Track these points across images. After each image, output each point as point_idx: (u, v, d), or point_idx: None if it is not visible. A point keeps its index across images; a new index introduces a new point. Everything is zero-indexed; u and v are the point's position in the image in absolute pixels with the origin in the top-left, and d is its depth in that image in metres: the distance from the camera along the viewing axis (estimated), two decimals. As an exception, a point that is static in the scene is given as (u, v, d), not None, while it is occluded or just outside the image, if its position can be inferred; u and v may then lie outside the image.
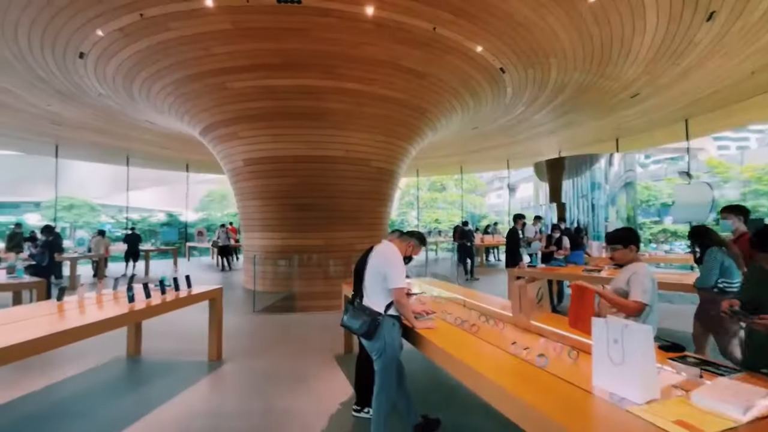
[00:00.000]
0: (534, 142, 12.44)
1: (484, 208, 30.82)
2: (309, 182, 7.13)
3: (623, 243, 2.43)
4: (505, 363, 1.97)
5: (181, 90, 6.60)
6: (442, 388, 3.32)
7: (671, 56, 6.15)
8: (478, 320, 2.75)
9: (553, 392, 1.58)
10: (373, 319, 2.36)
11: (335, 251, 7.17)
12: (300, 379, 3.69)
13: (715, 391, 1.39)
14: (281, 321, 6.04)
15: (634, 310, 2.21)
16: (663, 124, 10.61)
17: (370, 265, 2.56)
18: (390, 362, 2.38)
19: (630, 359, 1.40)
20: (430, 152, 12.85)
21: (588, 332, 2.25)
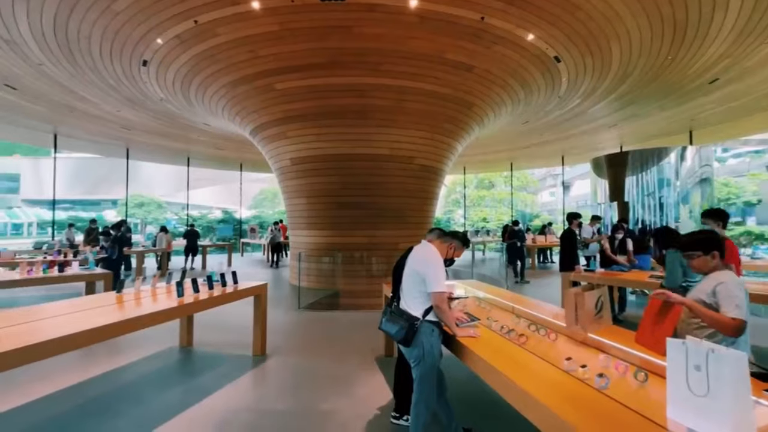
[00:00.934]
0: (591, 136, 11.59)
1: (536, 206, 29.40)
2: (353, 180, 7.14)
3: (704, 249, 2.09)
4: (557, 381, 1.76)
5: (232, 93, 6.88)
6: (487, 400, 3.11)
7: (760, 34, 5.37)
8: (527, 330, 2.53)
9: (615, 422, 1.36)
10: (411, 324, 2.23)
11: (379, 249, 7.12)
12: (340, 380, 3.66)
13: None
14: (324, 318, 6.10)
15: (733, 329, 1.87)
16: (746, 113, 9.40)
17: (408, 267, 2.43)
18: (429, 371, 2.24)
19: (717, 391, 1.16)
20: (478, 148, 12.43)
21: (661, 351, 1.97)
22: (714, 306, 1.98)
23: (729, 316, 1.89)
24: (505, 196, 24.00)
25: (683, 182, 9.33)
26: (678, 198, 9.31)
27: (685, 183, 9.33)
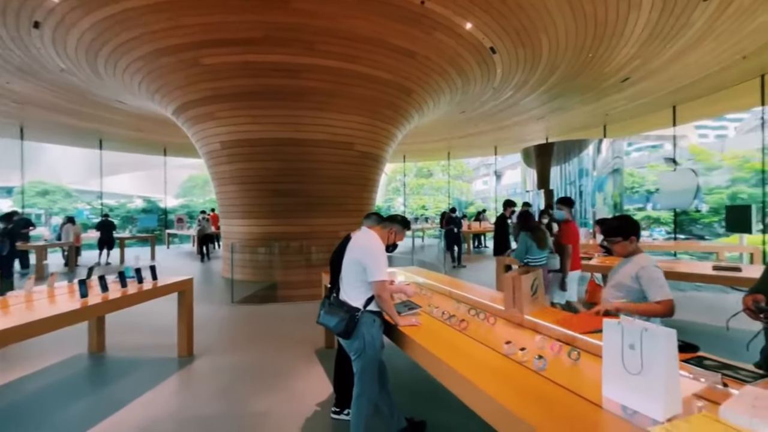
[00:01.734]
0: (522, 128, 12.25)
1: (471, 194, 30.79)
2: (290, 166, 6.78)
3: (623, 235, 2.23)
4: (498, 366, 1.75)
5: (150, 66, 6.12)
6: (429, 387, 3.11)
7: (665, 37, 5.95)
8: (467, 314, 2.54)
9: (554, 403, 1.37)
10: (351, 315, 2.11)
11: (317, 238, 6.90)
12: (277, 377, 3.45)
13: (745, 404, 1.19)
14: (260, 312, 5.77)
15: (667, 310, 2.01)
16: (651, 110, 10.52)
17: (347, 256, 2.29)
18: (370, 362, 2.14)
19: (650, 369, 1.19)
20: (417, 137, 12.56)
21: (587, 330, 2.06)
22: (638, 288, 2.13)
23: (656, 301, 2.03)
24: (443, 185, 24.77)
25: (599, 172, 10.26)
26: (595, 186, 10.23)
27: (600, 173, 10.26)
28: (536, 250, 4.19)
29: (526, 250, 4.21)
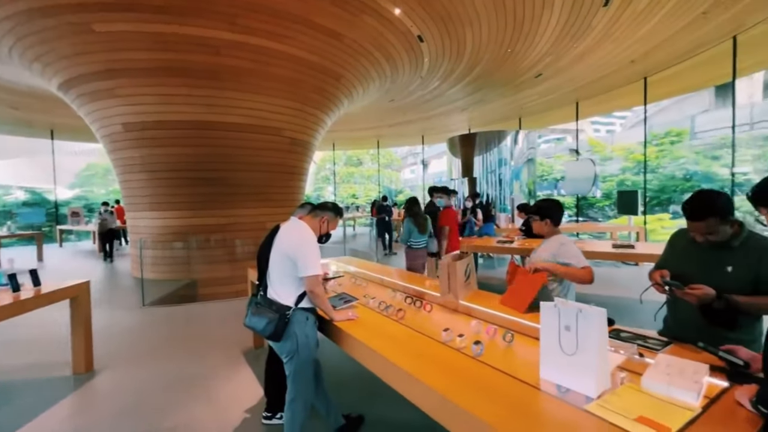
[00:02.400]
0: (447, 118, 12.70)
1: (400, 183, 31.43)
2: (210, 152, 6.17)
3: (541, 215, 2.37)
4: (436, 354, 1.72)
5: (24, 28, 5.07)
6: (366, 381, 3.03)
7: (572, 37, 6.50)
8: (403, 303, 2.51)
9: (493, 389, 1.36)
10: (281, 315, 1.93)
11: (242, 230, 6.43)
12: (198, 385, 3.11)
13: (661, 372, 1.29)
14: (178, 314, 5.22)
15: (588, 275, 2.19)
16: (558, 105, 11.58)
17: (275, 250, 2.09)
18: (305, 364, 1.99)
19: (585, 348, 1.23)
20: (347, 124, 12.35)
21: (521, 310, 2.14)
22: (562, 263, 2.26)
23: (579, 267, 2.18)
24: (373, 173, 24.89)
25: (516, 162, 11.04)
26: (512, 175, 11.01)
27: (517, 162, 11.06)
28: (417, 234, 4.61)
29: (409, 234, 4.61)
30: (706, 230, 1.60)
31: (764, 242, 1.57)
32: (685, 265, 1.71)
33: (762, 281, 1.53)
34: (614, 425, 1.08)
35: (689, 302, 1.61)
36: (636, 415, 1.10)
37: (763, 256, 1.54)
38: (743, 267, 1.57)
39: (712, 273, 1.62)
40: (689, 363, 1.34)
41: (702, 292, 1.56)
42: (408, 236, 4.62)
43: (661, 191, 16.60)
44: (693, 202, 1.63)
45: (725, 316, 1.58)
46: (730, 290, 1.55)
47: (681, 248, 1.80)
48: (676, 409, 1.13)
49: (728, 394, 1.21)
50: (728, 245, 1.62)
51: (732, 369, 1.33)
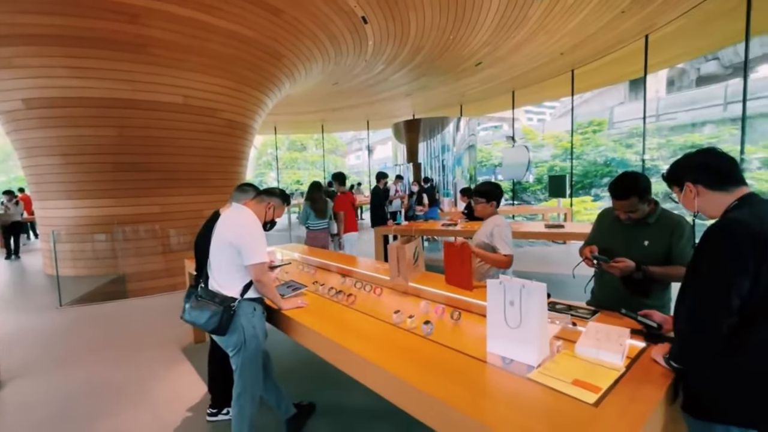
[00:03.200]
0: (392, 103, 12.72)
1: (345, 168, 31.15)
2: (136, 135, 5.57)
3: (487, 197, 2.47)
4: (388, 337, 1.74)
5: None
6: (317, 367, 3.02)
7: (509, 28, 6.77)
8: (354, 288, 2.49)
9: (444, 365, 1.41)
10: (226, 307, 1.82)
11: (177, 219, 5.97)
12: (132, 388, 2.88)
13: (591, 338, 1.42)
14: (103, 313, 4.76)
15: (505, 264, 2.28)
16: (496, 94, 12.10)
17: (216, 238, 1.95)
18: (252, 357, 1.91)
19: (528, 321, 1.31)
20: (289, 107, 11.87)
21: (467, 288, 2.23)
22: (491, 245, 2.38)
23: (502, 254, 2.30)
24: (317, 159, 24.34)
25: (458, 148, 11.42)
26: (455, 161, 11.38)
27: (459, 149, 11.44)
28: (314, 217, 4.85)
29: (306, 217, 4.87)
30: (628, 208, 1.77)
31: (675, 219, 1.77)
32: (609, 241, 1.89)
33: (672, 253, 1.74)
34: (554, 389, 1.17)
35: (613, 274, 1.79)
36: (572, 379, 1.20)
37: (674, 230, 1.74)
38: (657, 241, 1.77)
39: (631, 247, 1.81)
40: (614, 328, 1.49)
41: (624, 264, 1.74)
42: (306, 219, 4.87)
43: (584, 176, 18.16)
44: (618, 182, 1.80)
45: (643, 285, 1.79)
46: (647, 262, 1.75)
47: (606, 226, 1.98)
48: (604, 371, 1.25)
49: (646, 354, 1.36)
50: (645, 222, 1.81)
51: (648, 331, 1.50)
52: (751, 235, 1.04)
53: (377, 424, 2.31)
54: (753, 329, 1.07)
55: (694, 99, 18.98)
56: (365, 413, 2.42)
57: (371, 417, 2.38)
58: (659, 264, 1.75)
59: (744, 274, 1.04)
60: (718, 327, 1.07)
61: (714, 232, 1.10)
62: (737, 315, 1.06)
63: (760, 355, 1.07)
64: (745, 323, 1.07)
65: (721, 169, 1.20)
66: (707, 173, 1.21)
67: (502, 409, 1.10)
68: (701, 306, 1.09)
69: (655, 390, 1.14)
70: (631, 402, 1.08)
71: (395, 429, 2.26)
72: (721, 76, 21.61)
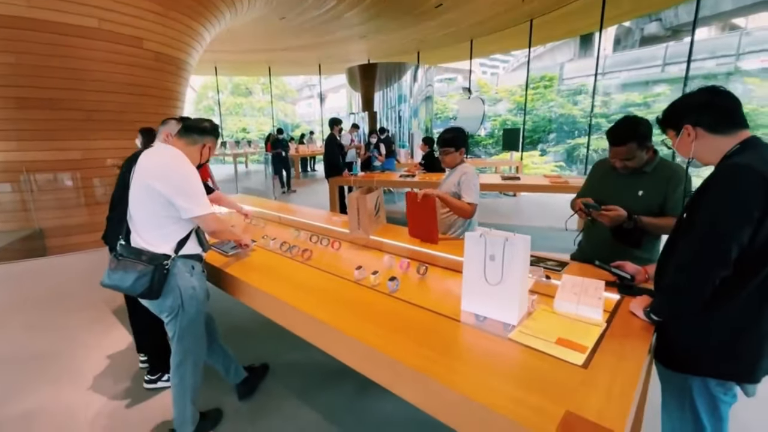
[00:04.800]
0: (345, 46, 11.82)
1: (296, 117, 29.49)
2: (40, 64, 4.60)
3: (456, 146, 2.28)
4: (351, 296, 1.56)
5: None
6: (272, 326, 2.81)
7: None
8: (309, 242, 2.27)
9: (415, 327, 1.27)
10: (157, 266, 1.52)
11: (101, 167, 5.23)
12: (54, 359, 2.52)
13: (568, 292, 1.34)
14: (17, 272, 4.16)
15: (469, 213, 2.17)
16: (454, 41, 11.64)
17: (137, 185, 1.59)
18: (192, 321, 1.66)
19: (510, 277, 1.18)
20: (231, 44, 10.61)
21: (432, 240, 2.09)
22: (459, 194, 2.23)
23: (467, 202, 2.17)
24: (265, 105, 22.66)
25: (415, 99, 11.04)
26: (411, 112, 11.04)
27: (416, 99, 11.07)
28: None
29: None
30: (626, 155, 1.64)
31: (673, 167, 1.67)
32: (602, 191, 1.79)
33: (667, 204, 1.65)
34: (537, 350, 1.07)
35: (603, 224, 1.70)
36: (555, 338, 1.11)
37: (671, 179, 1.64)
38: (653, 191, 1.67)
39: (625, 197, 1.69)
40: (589, 281, 1.42)
41: (615, 213, 1.63)
42: None
43: (533, 131, 18.68)
44: (616, 127, 1.66)
45: (633, 235, 1.70)
46: (640, 213, 1.64)
47: (599, 176, 1.88)
48: (585, 327, 1.17)
49: (622, 307, 1.31)
50: (641, 171, 1.70)
51: (621, 282, 1.45)
52: (762, 182, 0.94)
53: (336, 383, 2.22)
54: (742, 283, 1.01)
55: (638, 58, 19.72)
56: (323, 372, 2.32)
57: (330, 375, 2.28)
58: (653, 216, 1.65)
59: (748, 224, 0.95)
60: (712, 280, 1.00)
61: (722, 177, 1.00)
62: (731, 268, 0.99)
63: (747, 310, 1.03)
64: (735, 276, 1.01)
65: (726, 110, 1.08)
66: (710, 114, 1.09)
67: (484, 376, 0.98)
68: (698, 257, 1.01)
69: (640, 345, 1.08)
70: (619, 360, 1.01)
71: (354, 386, 2.18)
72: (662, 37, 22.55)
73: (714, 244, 0.98)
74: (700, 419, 1.11)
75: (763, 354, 1.05)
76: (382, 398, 2.06)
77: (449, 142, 2.28)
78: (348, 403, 2.07)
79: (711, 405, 1.10)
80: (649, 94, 16.02)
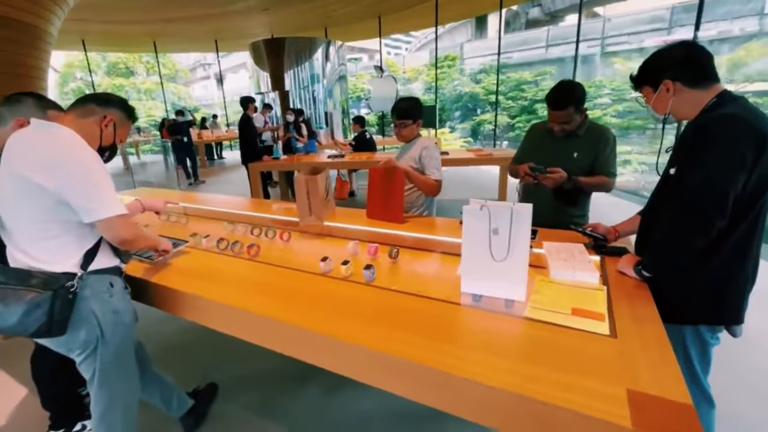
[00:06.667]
0: (245, 20, 10.75)
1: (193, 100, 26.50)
2: None
3: (413, 118, 2.11)
4: (322, 292, 1.33)
5: None
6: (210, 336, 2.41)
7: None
8: (251, 236, 1.95)
9: (411, 318, 1.10)
10: (57, 291, 1.09)
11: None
12: None
13: (559, 260, 1.30)
14: None
15: (436, 189, 2.05)
16: (362, 17, 11.35)
17: (7, 180, 1.13)
18: (120, 355, 1.26)
19: (515, 250, 1.08)
20: (102, 12, 8.89)
21: (397, 220, 1.94)
22: (420, 170, 2.09)
23: (432, 179, 2.05)
24: (153, 87, 19.86)
25: (328, 79, 10.59)
26: (326, 92, 10.59)
27: (330, 80, 10.62)
28: None
29: None
30: (565, 118, 1.69)
31: (601, 129, 1.79)
32: (539, 155, 1.82)
33: (597, 162, 1.77)
34: (558, 325, 0.99)
35: (545, 186, 1.74)
36: (568, 309, 1.05)
37: (600, 140, 1.75)
38: (586, 152, 1.77)
39: (561, 159, 1.76)
40: (571, 245, 1.41)
41: (559, 175, 1.70)
42: None
43: (441, 110, 19.47)
44: (556, 92, 1.68)
45: (571, 195, 1.80)
46: (576, 174, 1.73)
47: (536, 140, 1.91)
48: (589, 293, 1.14)
49: (608, 268, 1.32)
50: (575, 134, 1.76)
51: (595, 243, 1.47)
52: (752, 130, 0.96)
53: (299, 388, 1.99)
54: (731, 230, 1.05)
55: (526, 40, 21.61)
56: (281, 379, 2.05)
57: (289, 381, 2.03)
58: (586, 175, 1.76)
59: (744, 172, 0.98)
60: (710, 232, 1.01)
61: (714, 127, 1.00)
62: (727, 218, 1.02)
63: (734, 256, 1.08)
64: (726, 224, 1.04)
65: (703, 63, 1.10)
66: (689, 68, 1.10)
67: (514, 364, 0.87)
68: (696, 210, 1.01)
69: (648, 305, 1.07)
70: (639, 323, 0.98)
71: (320, 388, 1.97)
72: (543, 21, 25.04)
73: (713, 195, 0.99)
74: (693, 364, 1.17)
75: (747, 295, 1.12)
76: (354, 395, 1.89)
77: (406, 112, 2.08)
78: (320, 407, 1.86)
79: (702, 350, 1.16)
80: (537, 72, 17.71)
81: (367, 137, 5.87)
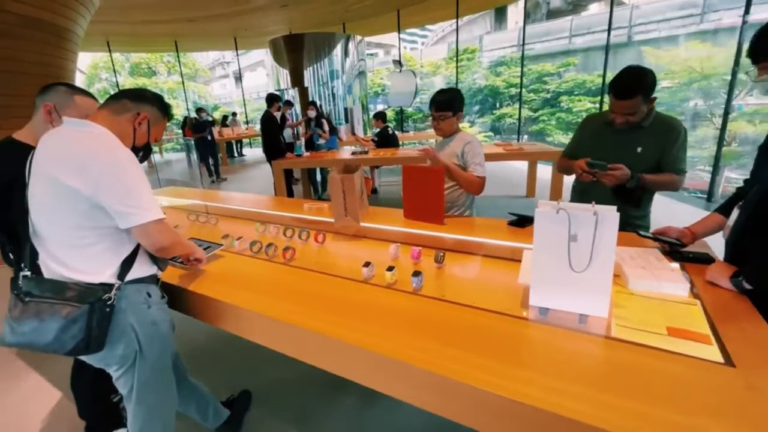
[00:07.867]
0: (264, 16, 10.73)
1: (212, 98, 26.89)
2: None
3: (453, 110, 1.97)
4: (367, 301, 1.22)
5: None
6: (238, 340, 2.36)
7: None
8: (284, 238, 1.86)
9: (467, 334, 0.99)
10: (94, 304, 1.02)
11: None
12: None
13: (636, 267, 1.16)
14: None
15: (479, 187, 1.90)
16: (380, 12, 11.17)
17: (40, 183, 1.06)
18: (157, 369, 1.20)
19: (598, 260, 0.94)
20: (126, 13, 9.02)
21: (438, 222, 1.82)
22: (462, 166, 1.96)
23: (476, 175, 1.91)
24: (174, 87, 20.20)
25: (348, 75, 10.49)
26: (345, 89, 10.49)
27: (349, 76, 10.52)
28: None
29: None
30: (631, 109, 1.51)
31: (671, 122, 1.58)
32: (598, 149, 1.65)
33: (664, 159, 1.58)
34: (656, 349, 0.85)
35: (604, 184, 1.58)
36: (663, 328, 0.91)
37: (669, 134, 1.56)
38: (651, 147, 1.58)
39: (623, 154, 1.59)
40: (646, 251, 1.26)
41: (621, 172, 1.53)
42: None
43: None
44: (623, 79, 1.50)
45: (634, 195, 1.62)
46: (639, 171, 1.56)
47: (592, 132, 1.74)
48: (682, 308, 0.99)
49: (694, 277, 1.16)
50: (639, 126, 1.59)
51: (671, 249, 1.32)
52: None
53: (335, 396, 1.90)
54: None
55: (548, 31, 20.97)
56: (317, 385, 1.97)
57: (326, 388, 1.95)
58: (650, 172, 1.58)
59: None
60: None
61: None
62: None
63: None
64: None
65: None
66: None
67: (614, 398, 0.73)
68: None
69: (758, 323, 0.92)
70: (759, 348, 0.84)
71: (355, 399, 1.88)
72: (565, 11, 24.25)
73: None
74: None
75: None
76: (390, 407, 1.79)
77: (446, 104, 1.93)
78: (357, 418, 1.77)
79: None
80: (560, 64, 17.14)
81: (389, 133, 5.74)
